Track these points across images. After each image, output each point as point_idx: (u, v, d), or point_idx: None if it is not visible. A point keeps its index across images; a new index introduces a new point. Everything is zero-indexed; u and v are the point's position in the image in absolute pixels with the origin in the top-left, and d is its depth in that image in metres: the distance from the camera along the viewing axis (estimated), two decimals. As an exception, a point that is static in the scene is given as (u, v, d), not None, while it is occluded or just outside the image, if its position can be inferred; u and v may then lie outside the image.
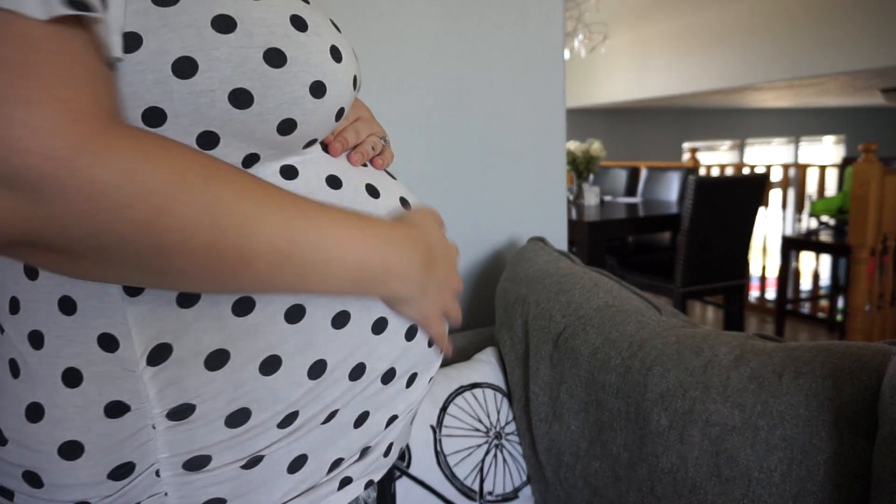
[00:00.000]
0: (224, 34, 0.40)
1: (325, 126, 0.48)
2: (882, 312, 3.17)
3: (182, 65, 0.40)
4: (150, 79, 0.39)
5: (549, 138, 1.47)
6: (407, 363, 0.53)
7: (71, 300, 0.43)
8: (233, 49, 0.41)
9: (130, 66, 0.39)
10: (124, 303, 0.43)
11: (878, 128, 9.63)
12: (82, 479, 0.43)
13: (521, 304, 1.12)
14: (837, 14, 4.61)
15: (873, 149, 2.91)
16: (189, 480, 0.44)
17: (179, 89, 0.40)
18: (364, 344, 0.49)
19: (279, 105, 0.43)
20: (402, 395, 0.54)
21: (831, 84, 5.80)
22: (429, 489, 0.98)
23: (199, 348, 0.43)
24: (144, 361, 0.43)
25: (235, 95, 0.41)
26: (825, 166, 4.30)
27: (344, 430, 0.50)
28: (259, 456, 0.45)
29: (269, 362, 0.44)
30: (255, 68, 0.41)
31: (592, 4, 4.52)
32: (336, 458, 0.50)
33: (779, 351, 0.80)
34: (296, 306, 0.45)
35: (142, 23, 0.39)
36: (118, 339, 0.43)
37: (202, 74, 0.40)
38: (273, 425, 0.45)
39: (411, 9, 1.26)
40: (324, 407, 0.47)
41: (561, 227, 1.53)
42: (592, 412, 0.93)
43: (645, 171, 4.36)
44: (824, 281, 4.45)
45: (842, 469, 0.68)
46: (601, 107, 7.46)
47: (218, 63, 0.40)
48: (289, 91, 0.43)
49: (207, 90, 0.40)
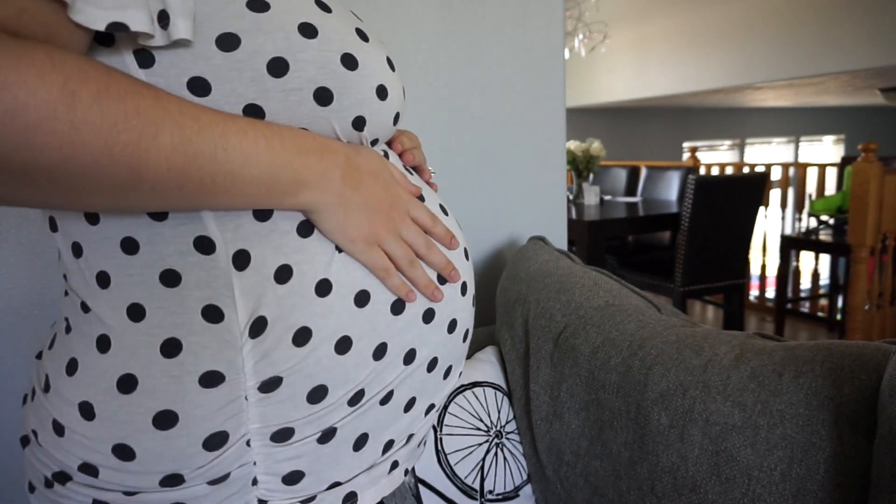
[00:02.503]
0: (309, 39, 0.45)
1: (386, 127, 0.53)
2: (881, 311, 3.18)
3: (275, 64, 0.43)
4: (247, 76, 0.43)
5: (548, 138, 1.47)
6: (447, 354, 0.56)
7: (175, 272, 0.45)
8: (316, 52, 0.45)
9: (229, 63, 0.42)
10: (231, 275, 0.45)
11: (877, 127, 9.63)
12: (176, 448, 0.44)
13: (521, 304, 1.12)
14: (837, 14, 4.60)
15: (873, 148, 2.91)
16: (274, 452, 0.47)
17: (273, 87, 0.44)
18: (416, 329, 0.52)
19: (353, 104, 0.48)
20: (440, 385, 0.57)
21: (831, 83, 5.80)
22: (430, 488, 0.99)
23: (288, 324, 0.46)
24: (247, 333, 0.45)
25: (319, 94, 0.46)
26: (825, 165, 4.30)
27: (397, 413, 0.53)
28: (332, 429, 0.49)
29: (342, 342, 0.48)
30: (335, 70, 0.46)
31: (592, 4, 4.52)
32: (389, 440, 0.53)
33: (779, 350, 0.80)
34: (363, 292, 0.49)
35: (239, 25, 0.43)
36: (223, 310, 0.45)
37: (292, 73, 0.44)
38: (345, 402, 0.49)
39: (411, 8, 1.26)
40: (384, 387, 0.51)
41: (561, 227, 1.53)
42: (593, 411, 0.93)
43: (645, 170, 4.36)
44: (824, 280, 4.45)
45: (842, 468, 0.68)
46: (601, 106, 7.45)
47: (305, 64, 0.45)
48: (359, 92, 0.48)
49: (296, 88, 0.44)
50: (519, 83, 1.41)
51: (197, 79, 0.42)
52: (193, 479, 0.45)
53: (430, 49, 1.30)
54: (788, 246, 3.75)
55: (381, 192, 0.51)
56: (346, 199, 0.48)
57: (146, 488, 0.45)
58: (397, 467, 0.55)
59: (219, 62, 0.42)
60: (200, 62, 0.42)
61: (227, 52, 0.42)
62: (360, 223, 0.49)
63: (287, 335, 0.46)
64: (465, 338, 0.60)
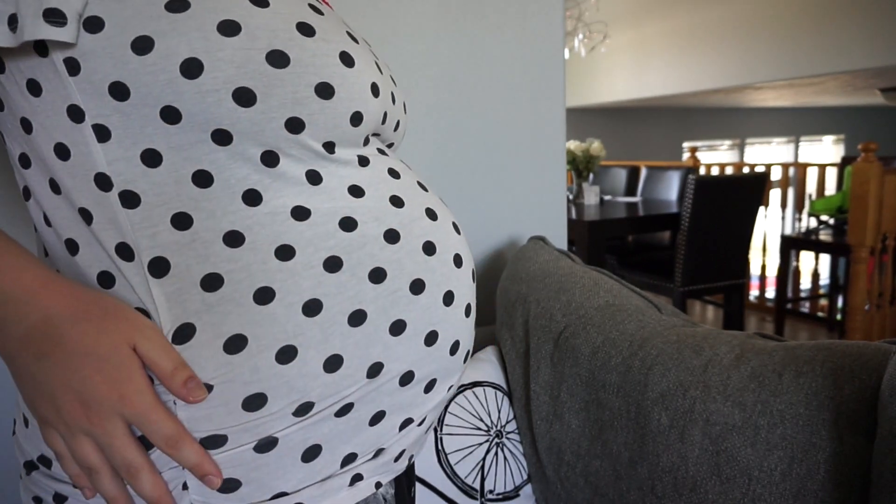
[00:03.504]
0: (228, 37, 0.43)
1: (339, 129, 0.48)
2: (881, 311, 3.18)
3: (189, 65, 0.42)
4: (162, 79, 0.42)
5: (548, 137, 1.47)
6: (426, 368, 0.53)
7: (108, 274, 0.46)
8: (235, 50, 0.43)
9: (143, 67, 0.42)
10: (149, 283, 0.45)
11: (877, 127, 9.64)
12: None
13: (521, 303, 1.12)
14: (837, 14, 4.61)
15: (873, 148, 2.91)
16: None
17: (189, 89, 0.42)
18: (379, 343, 0.49)
19: (283, 104, 0.44)
20: (420, 400, 0.54)
21: (831, 83, 5.80)
22: (430, 487, 0.99)
23: (219, 331, 0.45)
24: (169, 338, 0.45)
25: (239, 94, 0.43)
26: (825, 165, 4.30)
27: (359, 427, 0.50)
28: (273, 438, 0.46)
29: (284, 351, 0.46)
30: (257, 68, 0.43)
31: (592, 4, 4.53)
32: (350, 453, 0.50)
33: (779, 350, 0.80)
34: (313, 300, 0.46)
35: (154, 27, 0.42)
36: (150, 314, 0.45)
37: (207, 74, 0.42)
38: (289, 412, 0.46)
39: (411, 8, 1.27)
40: (339, 399, 0.48)
41: (561, 227, 1.53)
42: (593, 411, 0.93)
43: (645, 170, 4.36)
44: (824, 280, 4.46)
45: (842, 468, 0.68)
46: (601, 106, 7.45)
47: (222, 64, 0.42)
48: (291, 91, 0.44)
49: (213, 90, 0.43)
50: (519, 83, 1.41)
51: (117, 83, 0.42)
52: None
53: (430, 49, 1.30)
54: (788, 246, 3.75)
55: (76, 382, 0.40)
56: (18, 365, 0.42)
57: None
58: (362, 479, 0.52)
59: (135, 66, 0.42)
60: (119, 67, 0.42)
61: (141, 56, 0.42)
62: (32, 398, 0.42)
63: (216, 342, 0.45)
64: (455, 350, 0.56)
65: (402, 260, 0.51)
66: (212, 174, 0.45)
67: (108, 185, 0.44)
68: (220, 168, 0.45)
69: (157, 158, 0.44)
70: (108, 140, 0.44)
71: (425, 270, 0.53)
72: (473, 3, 1.33)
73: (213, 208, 0.45)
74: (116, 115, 0.43)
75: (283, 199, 0.47)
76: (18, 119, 0.45)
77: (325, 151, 0.49)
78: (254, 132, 0.44)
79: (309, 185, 0.48)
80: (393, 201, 0.53)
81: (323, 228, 0.48)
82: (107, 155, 0.44)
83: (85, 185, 0.45)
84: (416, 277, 0.52)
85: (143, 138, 0.44)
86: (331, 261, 0.48)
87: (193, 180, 0.45)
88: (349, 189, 0.50)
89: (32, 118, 0.45)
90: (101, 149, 0.44)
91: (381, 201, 0.52)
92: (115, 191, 0.44)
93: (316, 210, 0.48)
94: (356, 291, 0.48)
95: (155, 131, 0.44)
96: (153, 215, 0.45)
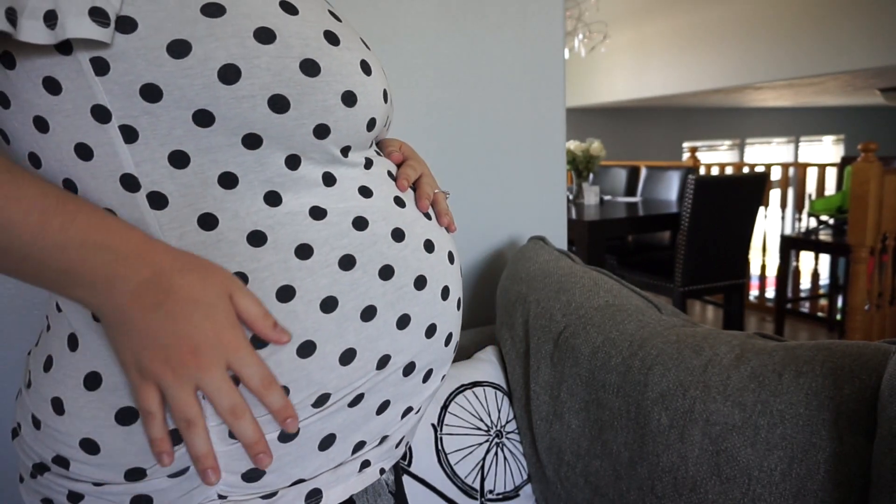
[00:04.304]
0: (264, 45, 0.44)
1: (358, 134, 0.51)
2: (881, 311, 3.18)
3: (226, 71, 0.43)
4: (198, 83, 0.43)
5: (548, 137, 1.47)
6: (425, 359, 0.56)
7: None
8: (272, 58, 0.44)
9: (180, 70, 0.42)
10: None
11: (877, 127, 9.64)
12: (137, 443, 0.46)
13: (521, 303, 1.12)
14: (837, 14, 4.61)
15: (872, 148, 2.91)
16: (232, 450, 0.47)
17: (225, 94, 0.43)
18: (388, 336, 0.52)
19: (313, 111, 0.46)
20: (419, 389, 0.57)
21: (831, 83, 5.80)
22: (430, 487, 0.99)
23: None
24: None
25: (274, 101, 0.44)
26: (825, 165, 4.30)
27: (368, 416, 0.53)
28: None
29: (305, 346, 0.48)
30: (292, 77, 0.45)
31: (592, 4, 4.53)
32: (360, 440, 0.53)
33: (779, 350, 0.80)
34: (330, 297, 0.48)
35: (190, 30, 0.42)
36: None
37: (244, 81, 0.43)
38: (308, 404, 0.48)
39: (411, 8, 1.27)
40: (352, 390, 0.51)
41: (561, 227, 1.53)
42: (593, 411, 0.93)
43: (645, 170, 4.36)
44: (824, 280, 4.45)
45: (842, 468, 0.68)
46: (601, 106, 7.45)
47: (259, 71, 0.44)
48: (322, 99, 0.46)
49: (249, 95, 0.44)
50: (519, 83, 1.41)
51: (149, 85, 0.42)
52: (154, 473, 0.47)
53: (430, 49, 1.30)
54: (788, 246, 3.75)
55: (188, 329, 0.42)
56: (128, 318, 0.42)
57: (112, 480, 0.47)
58: (369, 466, 0.56)
59: (170, 69, 0.42)
60: (153, 69, 0.42)
61: (178, 59, 0.42)
62: (138, 351, 0.43)
63: None
64: (448, 342, 0.59)
65: (408, 257, 0.54)
66: (237, 176, 0.46)
67: (135, 187, 0.45)
68: (245, 170, 0.46)
69: (184, 160, 0.45)
70: (135, 141, 0.44)
71: (427, 267, 0.56)
72: (473, 3, 1.33)
73: (237, 209, 0.46)
74: (146, 116, 0.43)
75: (301, 199, 0.48)
76: (30, 117, 0.44)
77: (341, 155, 0.51)
78: (284, 137, 0.46)
79: (324, 187, 0.50)
80: (396, 201, 0.56)
81: (338, 228, 0.50)
82: (134, 156, 0.44)
83: (109, 186, 0.45)
84: (420, 274, 0.55)
85: (171, 140, 0.44)
86: (345, 259, 0.50)
87: (220, 182, 0.46)
88: (359, 190, 0.52)
89: (49, 117, 0.43)
90: (129, 150, 0.44)
91: (386, 201, 0.54)
92: (143, 192, 0.45)
93: (331, 210, 0.50)
94: (367, 288, 0.51)
95: (184, 133, 0.44)
96: (181, 216, 0.45)
